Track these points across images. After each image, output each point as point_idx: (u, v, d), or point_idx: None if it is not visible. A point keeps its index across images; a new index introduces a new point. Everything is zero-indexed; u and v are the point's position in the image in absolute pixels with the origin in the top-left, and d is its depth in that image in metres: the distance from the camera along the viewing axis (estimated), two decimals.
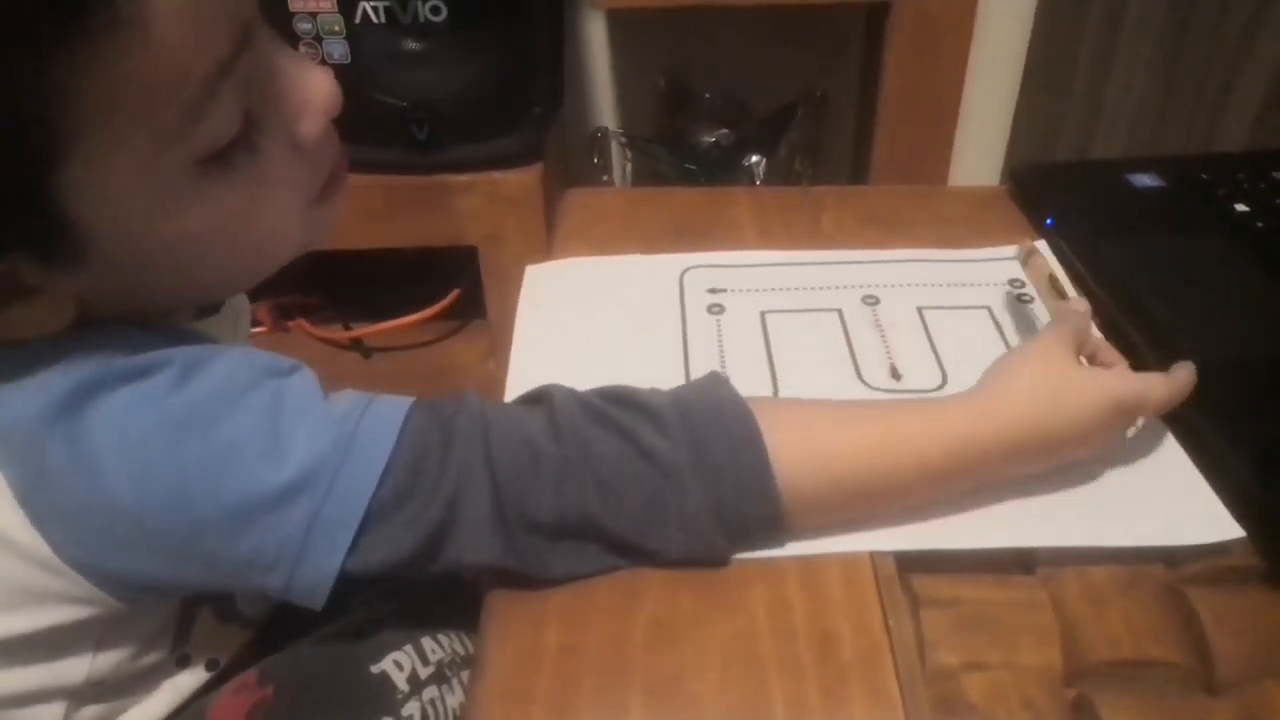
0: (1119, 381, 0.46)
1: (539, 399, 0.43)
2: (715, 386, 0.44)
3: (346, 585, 0.39)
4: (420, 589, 0.58)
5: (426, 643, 0.47)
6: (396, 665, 0.46)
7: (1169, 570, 0.44)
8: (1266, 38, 1.12)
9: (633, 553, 0.42)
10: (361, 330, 1.11)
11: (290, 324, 1.13)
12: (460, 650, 0.49)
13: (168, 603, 0.44)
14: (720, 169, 1.13)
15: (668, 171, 1.15)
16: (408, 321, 1.08)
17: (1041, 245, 0.50)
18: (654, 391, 0.43)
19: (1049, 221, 0.65)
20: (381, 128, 0.94)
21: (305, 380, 0.41)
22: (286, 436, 0.38)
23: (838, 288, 0.61)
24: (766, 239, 0.66)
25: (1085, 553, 0.43)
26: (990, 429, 0.43)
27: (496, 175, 0.96)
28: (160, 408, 0.37)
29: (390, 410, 0.40)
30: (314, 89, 0.41)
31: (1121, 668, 0.40)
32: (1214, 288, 0.58)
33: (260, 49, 0.38)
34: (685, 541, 0.41)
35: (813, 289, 0.61)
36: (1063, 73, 1.17)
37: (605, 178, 1.21)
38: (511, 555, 0.40)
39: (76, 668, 0.41)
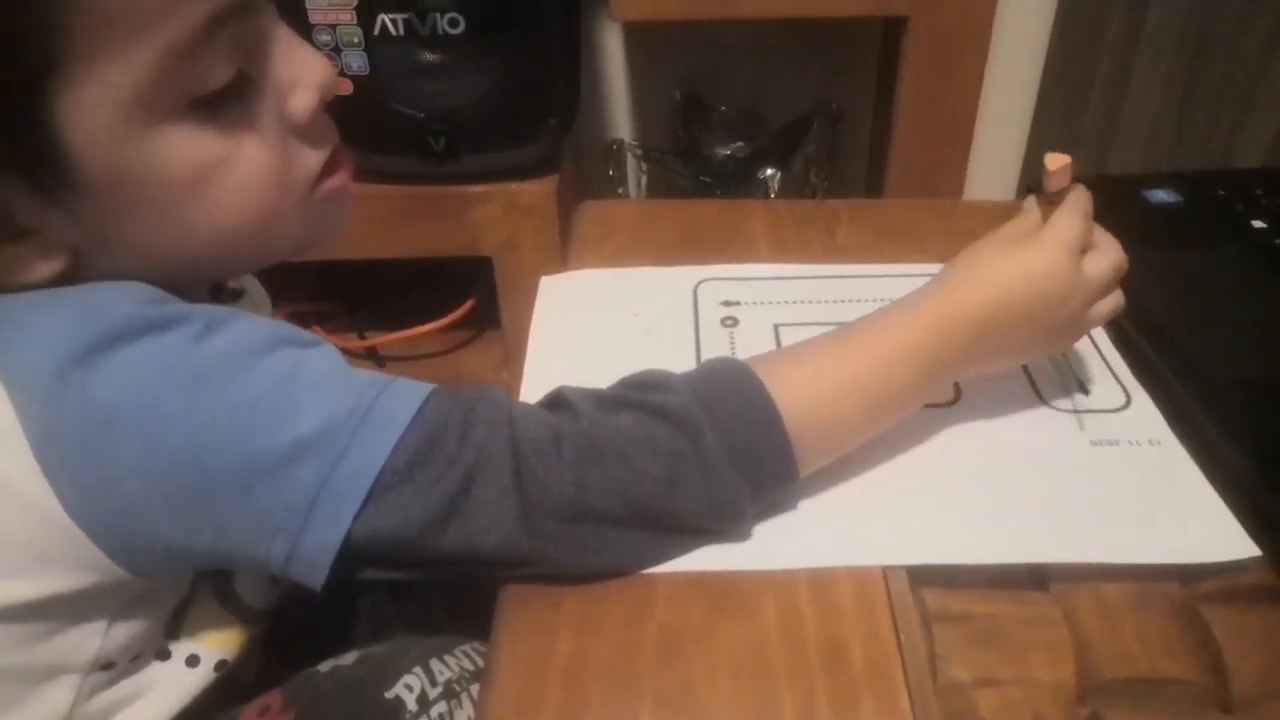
0: (1058, 229, 0.47)
1: (554, 400, 0.44)
2: (709, 360, 0.46)
3: (351, 569, 0.39)
4: (432, 600, 0.58)
5: (435, 664, 0.48)
6: (407, 688, 0.47)
7: (1184, 587, 0.43)
8: None
9: (658, 521, 0.42)
10: (377, 339, 1.12)
11: None
12: (469, 666, 0.49)
13: (178, 579, 0.44)
14: (735, 182, 1.13)
15: (683, 184, 1.15)
16: (423, 331, 1.09)
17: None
18: (659, 370, 0.45)
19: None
20: (399, 138, 0.95)
21: (327, 352, 0.41)
22: (301, 399, 0.38)
23: (851, 301, 0.61)
24: (781, 252, 0.66)
25: (1100, 569, 0.43)
26: (959, 302, 0.46)
27: (512, 186, 0.97)
28: (178, 362, 0.37)
29: (412, 387, 0.41)
30: (310, 68, 0.42)
31: (1135, 685, 0.40)
32: (1231, 304, 0.58)
33: (262, 18, 0.40)
34: (709, 491, 0.42)
35: (826, 302, 0.61)
36: (1079, 87, 1.16)
37: (620, 190, 1.21)
38: (529, 537, 0.40)
39: (86, 644, 0.41)
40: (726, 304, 0.61)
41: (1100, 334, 0.57)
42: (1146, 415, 0.52)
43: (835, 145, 1.18)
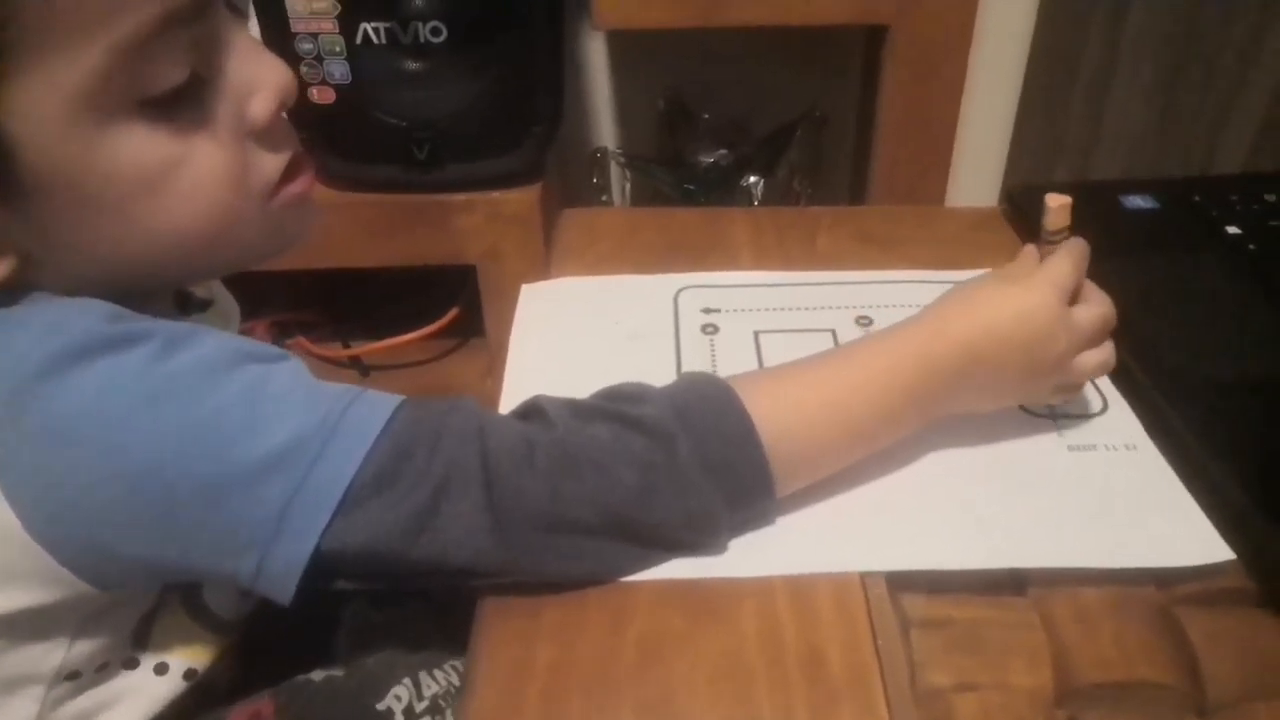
0: (1050, 271, 0.48)
1: (529, 409, 0.44)
2: (689, 374, 0.46)
3: (322, 581, 0.39)
4: (420, 613, 0.58)
5: (424, 677, 0.48)
6: (396, 698, 0.47)
7: (1161, 591, 0.43)
8: (1266, 62, 1.12)
9: (633, 532, 0.42)
10: (360, 348, 1.12)
11: (289, 342, 1.13)
12: (456, 682, 0.49)
13: (144, 592, 0.44)
14: (719, 189, 1.13)
15: (667, 192, 1.16)
16: (407, 339, 1.09)
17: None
18: (636, 383, 0.45)
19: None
20: (382, 147, 0.94)
21: (293, 366, 0.41)
22: (268, 413, 0.38)
23: (831, 308, 0.61)
24: (763, 259, 0.66)
25: (1077, 573, 0.43)
26: (947, 335, 0.46)
27: (496, 194, 0.97)
28: (141, 379, 0.37)
29: (381, 399, 0.40)
30: (269, 72, 0.41)
31: (1113, 689, 0.40)
32: (1207, 310, 0.58)
33: (218, 22, 0.39)
34: (683, 501, 0.42)
35: (806, 309, 0.61)
36: (1060, 95, 1.17)
37: (604, 197, 1.21)
38: (503, 549, 0.40)
39: (50, 656, 0.41)
40: (707, 311, 0.61)
41: None
42: (1124, 420, 0.52)
43: (819, 153, 1.18)
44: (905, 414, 0.46)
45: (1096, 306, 0.48)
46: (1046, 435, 0.51)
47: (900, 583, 0.43)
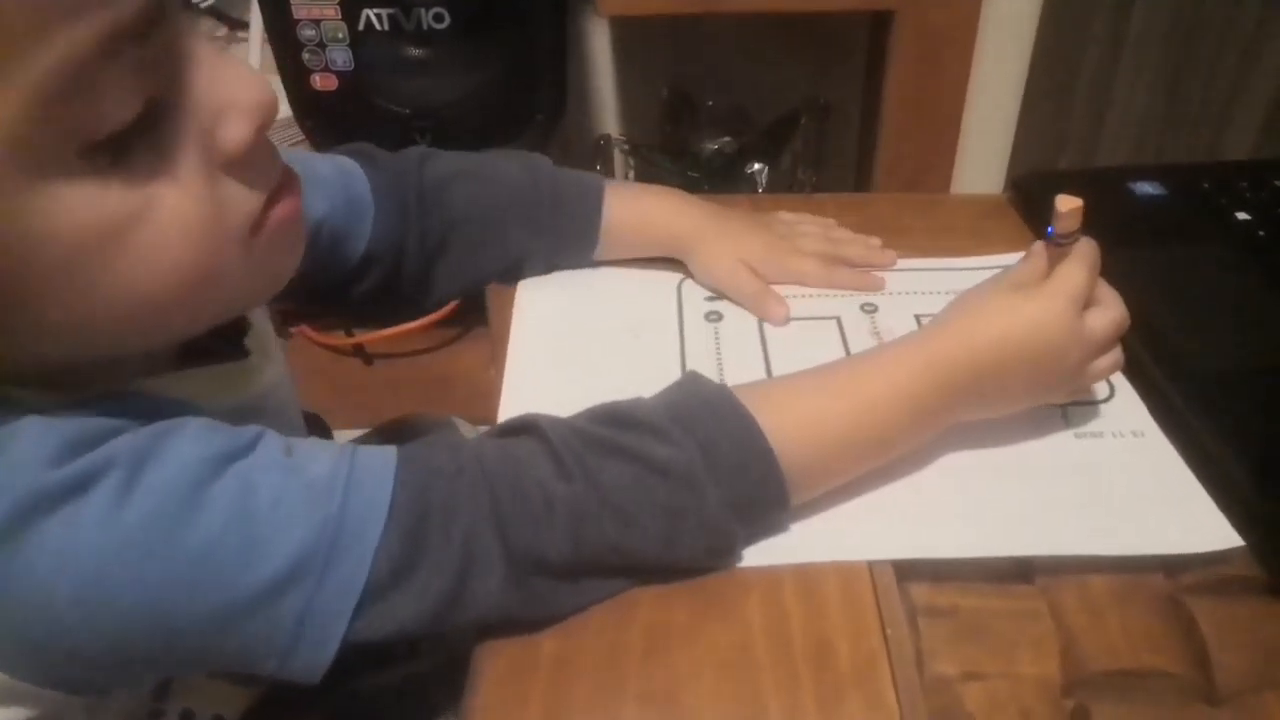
0: (1064, 280, 0.47)
1: (525, 429, 0.41)
2: (697, 385, 0.44)
3: (351, 657, 0.37)
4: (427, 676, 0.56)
5: None
6: None
7: (1169, 580, 0.43)
8: (1272, 49, 1.12)
9: (656, 570, 0.42)
10: (364, 337, 1.11)
11: (293, 331, 1.13)
12: None
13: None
14: (723, 177, 1.13)
15: (671, 179, 1.15)
16: (410, 328, 1.08)
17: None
18: (641, 403, 0.43)
19: (1050, 230, 0.65)
20: (384, 135, 0.93)
21: (269, 452, 0.37)
22: (263, 531, 0.34)
23: (835, 295, 0.61)
24: None
25: (1084, 561, 0.43)
26: (958, 346, 0.45)
27: None
28: (110, 530, 0.32)
29: (376, 477, 0.37)
30: (243, 89, 0.34)
31: (1120, 678, 0.40)
32: (1215, 296, 0.58)
33: (175, 33, 0.32)
34: (707, 542, 0.42)
35: (810, 296, 0.60)
36: (1066, 83, 1.17)
37: None
38: (528, 604, 0.40)
39: None
40: (710, 299, 0.61)
41: None
42: (1130, 407, 0.52)
43: (823, 141, 1.18)
44: (916, 426, 0.46)
45: (1110, 311, 0.48)
46: (1053, 422, 0.50)
47: (907, 572, 0.43)
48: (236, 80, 0.34)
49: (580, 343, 0.57)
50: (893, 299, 0.60)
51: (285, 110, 1.01)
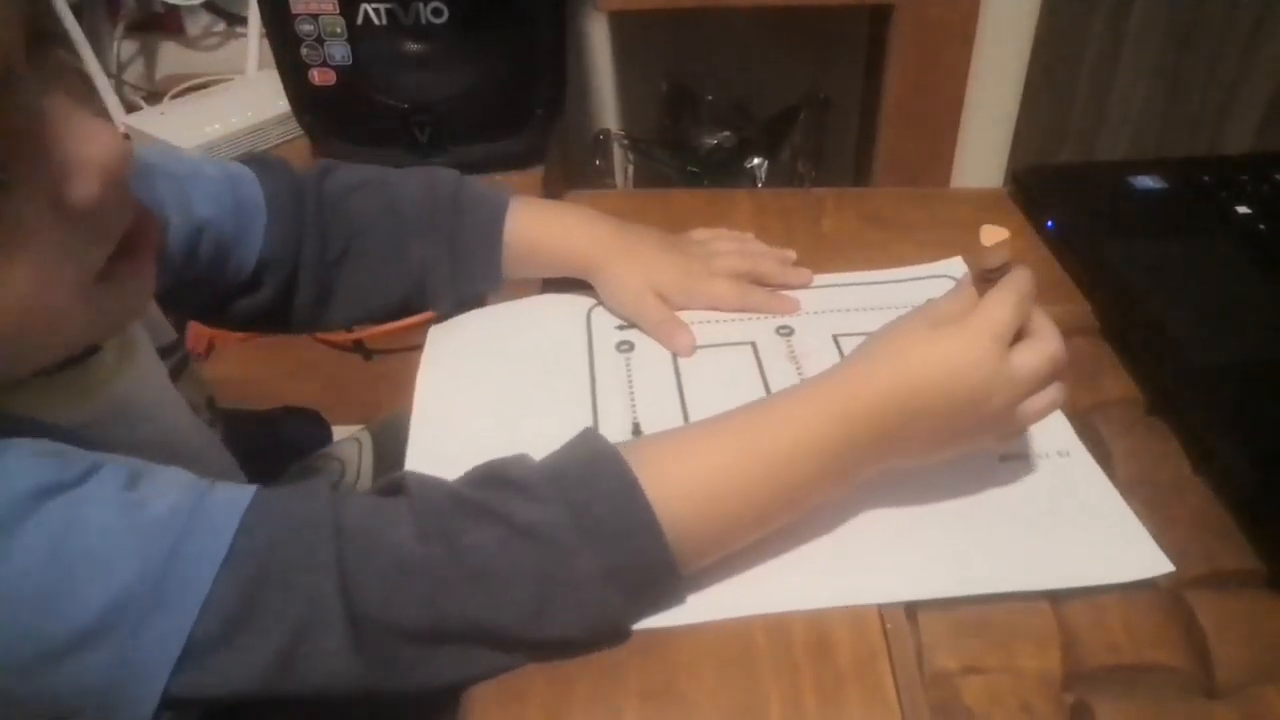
0: (985, 314, 0.42)
1: (396, 488, 0.39)
2: (585, 443, 0.41)
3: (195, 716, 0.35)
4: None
5: None
6: None
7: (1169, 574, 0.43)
8: (1271, 43, 1.12)
9: (526, 647, 0.39)
10: (363, 332, 1.11)
11: None
12: None
13: None
14: (722, 171, 1.13)
15: (670, 174, 1.15)
16: (409, 323, 1.08)
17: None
18: (521, 460, 0.40)
19: (1050, 224, 0.65)
20: (383, 130, 0.94)
21: (103, 485, 0.34)
22: (77, 575, 0.32)
23: (750, 318, 0.58)
24: (767, 241, 0.66)
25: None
26: (868, 390, 0.41)
27: (498, 177, 0.96)
28: None
29: (219, 520, 0.35)
30: (94, 145, 0.33)
31: (1121, 673, 0.40)
32: (1216, 290, 0.58)
33: (28, 95, 0.31)
34: (581, 615, 0.38)
35: (725, 321, 0.57)
36: (1066, 76, 1.17)
37: (607, 180, 1.21)
38: (382, 673, 0.36)
39: None
40: (621, 328, 0.57)
41: None
42: (1055, 425, 0.49)
43: (823, 135, 1.18)
44: (826, 481, 0.42)
45: (1042, 346, 0.43)
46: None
47: None
48: (90, 138, 0.33)
49: (491, 384, 0.54)
50: (810, 319, 0.58)
51: (283, 106, 1.01)
